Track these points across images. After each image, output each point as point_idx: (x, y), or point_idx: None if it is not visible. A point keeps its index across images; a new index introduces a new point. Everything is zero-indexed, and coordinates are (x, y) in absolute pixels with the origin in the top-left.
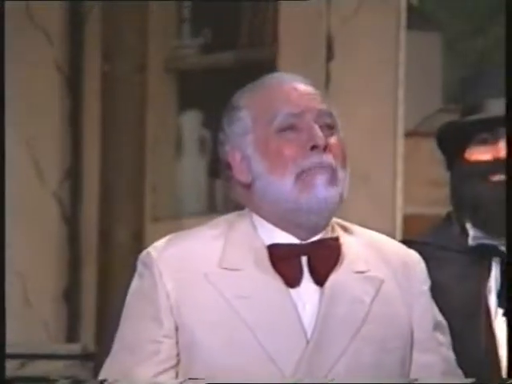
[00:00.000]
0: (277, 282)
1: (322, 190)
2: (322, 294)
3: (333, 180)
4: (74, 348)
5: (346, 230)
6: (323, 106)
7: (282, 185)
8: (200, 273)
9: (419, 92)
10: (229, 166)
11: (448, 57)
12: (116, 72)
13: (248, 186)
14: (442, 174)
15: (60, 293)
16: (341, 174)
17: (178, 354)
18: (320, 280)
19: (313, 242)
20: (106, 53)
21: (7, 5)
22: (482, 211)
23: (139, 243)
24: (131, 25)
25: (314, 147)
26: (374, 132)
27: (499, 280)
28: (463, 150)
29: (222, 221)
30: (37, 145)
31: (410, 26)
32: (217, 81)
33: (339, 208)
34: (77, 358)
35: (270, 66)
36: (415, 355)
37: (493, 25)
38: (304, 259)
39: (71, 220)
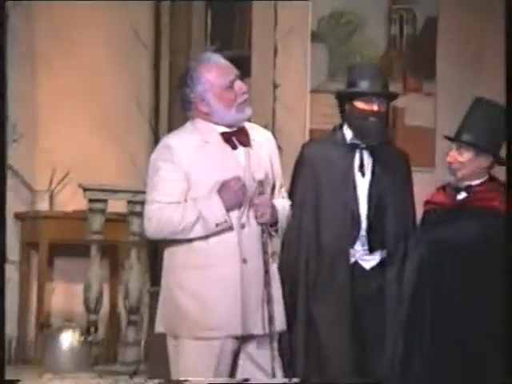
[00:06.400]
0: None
1: (248, 111)
2: None
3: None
4: None
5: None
6: (238, 72)
7: (229, 112)
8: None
9: None
10: (191, 104)
11: None
12: None
13: (207, 114)
14: None
15: None
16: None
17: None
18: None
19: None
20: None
21: None
22: (363, 132)
23: None
24: None
25: (244, 93)
26: None
27: (362, 159)
28: (352, 102)
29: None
30: None
31: None
32: None
33: None
34: None
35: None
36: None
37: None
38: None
39: None
